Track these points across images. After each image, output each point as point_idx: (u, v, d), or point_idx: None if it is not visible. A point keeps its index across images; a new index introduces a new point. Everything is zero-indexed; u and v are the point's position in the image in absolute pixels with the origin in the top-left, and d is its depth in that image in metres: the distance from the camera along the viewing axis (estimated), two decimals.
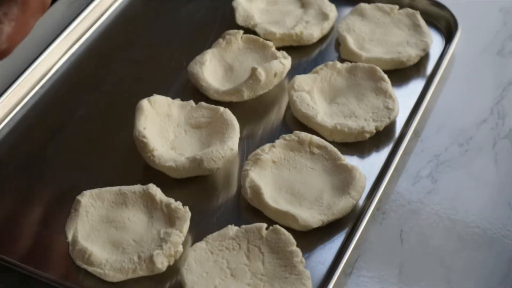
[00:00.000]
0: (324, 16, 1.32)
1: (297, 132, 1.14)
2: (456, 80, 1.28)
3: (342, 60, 1.27)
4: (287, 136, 1.13)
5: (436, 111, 1.23)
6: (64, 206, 1.07)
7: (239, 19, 1.32)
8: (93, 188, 1.07)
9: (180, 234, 1.02)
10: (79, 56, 1.31)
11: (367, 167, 1.13)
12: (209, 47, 1.28)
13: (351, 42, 1.28)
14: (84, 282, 1.00)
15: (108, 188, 1.07)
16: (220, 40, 1.27)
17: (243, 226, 1.03)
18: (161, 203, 1.05)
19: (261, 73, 1.19)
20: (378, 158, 1.15)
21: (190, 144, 1.14)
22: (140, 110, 1.14)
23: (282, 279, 0.98)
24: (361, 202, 1.08)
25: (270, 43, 1.26)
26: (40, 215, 1.08)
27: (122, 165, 1.15)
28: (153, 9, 1.40)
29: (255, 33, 1.30)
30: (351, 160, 1.13)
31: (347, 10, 1.36)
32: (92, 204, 1.05)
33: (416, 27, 1.31)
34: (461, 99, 1.25)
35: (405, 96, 1.22)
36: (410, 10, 1.33)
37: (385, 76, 1.21)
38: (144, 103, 1.15)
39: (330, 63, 1.23)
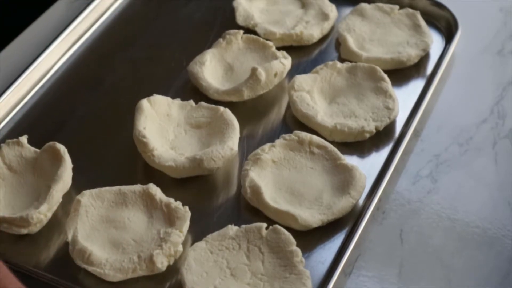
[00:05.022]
0: (324, 16, 1.32)
1: (297, 132, 1.14)
2: (456, 80, 1.28)
3: (342, 60, 1.26)
4: (287, 136, 1.13)
5: (436, 111, 1.23)
6: (64, 206, 1.07)
7: (239, 19, 1.32)
8: (93, 188, 1.07)
9: (180, 234, 1.02)
10: (79, 56, 1.31)
11: (367, 167, 1.13)
12: (209, 47, 1.28)
13: (351, 42, 1.28)
14: (84, 282, 1.00)
15: (108, 188, 1.07)
16: (220, 40, 1.27)
17: (243, 226, 1.03)
18: (161, 203, 1.05)
19: (261, 73, 1.19)
20: (378, 158, 1.15)
21: (190, 144, 1.14)
22: (140, 110, 1.14)
23: (282, 278, 0.98)
24: (361, 201, 1.08)
25: (270, 43, 1.26)
26: None
27: (122, 165, 1.15)
28: (153, 9, 1.40)
29: (255, 33, 1.30)
30: (351, 160, 1.13)
31: (347, 10, 1.36)
32: (92, 204, 1.05)
33: (416, 27, 1.31)
34: (461, 99, 1.25)
35: (405, 96, 1.22)
36: (410, 10, 1.33)
37: (385, 76, 1.21)
38: (144, 103, 1.15)
39: (330, 63, 1.23)
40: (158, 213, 1.05)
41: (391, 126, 1.18)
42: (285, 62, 1.22)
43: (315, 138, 1.13)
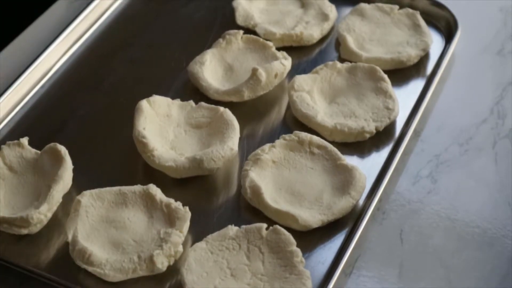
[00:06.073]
0: (324, 17, 1.32)
1: (297, 132, 1.14)
2: (456, 80, 1.28)
3: (342, 60, 1.26)
4: (287, 136, 1.13)
5: (436, 111, 1.23)
6: (64, 206, 1.07)
7: (239, 19, 1.32)
8: (93, 188, 1.07)
9: (180, 234, 1.02)
10: (79, 56, 1.31)
11: (367, 167, 1.13)
12: (209, 47, 1.28)
13: (351, 42, 1.28)
14: (84, 282, 1.00)
15: (108, 188, 1.07)
16: (220, 40, 1.27)
17: (243, 226, 1.03)
18: (161, 203, 1.05)
19: (262, 74, 1.19)
20: (378, 158, 1.15)
21: (190, 144, 1.14)
22: (139, 110, 1.14)
23: (282, 279, 0.98)
24: (361, 202, 1.08)
25: (270, 43, 1.26)
26: None
27: (122, 165, 1.15)
28: (153, 9, 1.40)
29: (255, 33, 1.30)
30: (351, 160, 1.13)
31: (347, 10, 1.36)
32: (92, 204, 1.05)
33: (416, 27, 1.31)
34: (461, 99, 1.25)
35: (405, 96, 1.22)
36: (410, 10, 1.33)
37: (385, 76, 1.21)
38: (144, 103, 1.15)
39: (330, 63, 1.23)
40: (158, 213, 1.05)
41: (391, 126, 1.18)
42: (285, 63, 1.22)
43: (315, 138, 1.13)
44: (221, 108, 1.16)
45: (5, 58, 1.29)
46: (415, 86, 1.25)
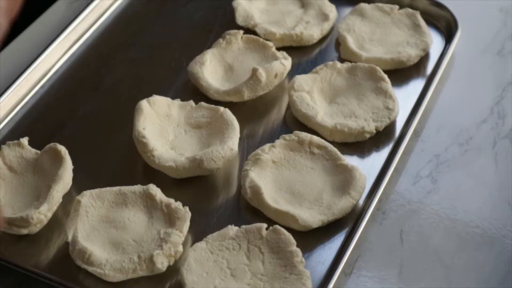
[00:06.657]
0: (324, 17, 1.32)
1: (297, 132, 1.14)
2: (456, 80, 1.28)
3: (342, 60, 1.27)
4: (287, 136, 1.13)
5: (436, 111, 1.23)
6: (64, 206, 1.07)
7: (239, 19, 1.32)
8: (93, 188, 1.07)
9: (180, 234, 1.02)
10: (79, 56, 1.31)
11: (367, 167, 1.13)
12: (209, 47, 1.28)
13: (351, 42, 1.28)
14: (84, 282, 1.00)
15: (108, 188, 1.07)
16: (220, 40, 1.27)
17: (243, 226, 1.03)
18: (161, 203, 1.05)
19: (262, 74, 1.19)
20: (378, 158, 1.15)
21: (190, 144, 1.14)
22: (139, 110, 1.14)
23: (282, 279, 0.98)
24: (361, 202, 1.08)
25: (270, 43, 1.26)
26: None
27: (122, 165, 1.15)
28: (153, 9, 1.40)
29: (255, 33, 1.30)
30: (351, 160, 1.13)
31: (347, 10, 1.36)
32: (92, 204, 1.05)
33: (416, 27, 1.31)
34: (461, 99, 1.25)
35: (405, 96, 1.22)
36: (410, 10, 1.33)
37: (385, 76, 1.21)
38: (143, 103, 1.15)
39: (330, 63, 1.23)
40: (158, 213, 1.05)
41: (391, 126, 1.18)
42: (285, 63, 1.22)
43: (315, 138, 1.13)
44: (221, 108, 1.16)
45: (5, 58, 1.29)
46: (415, 86, 1.25)
